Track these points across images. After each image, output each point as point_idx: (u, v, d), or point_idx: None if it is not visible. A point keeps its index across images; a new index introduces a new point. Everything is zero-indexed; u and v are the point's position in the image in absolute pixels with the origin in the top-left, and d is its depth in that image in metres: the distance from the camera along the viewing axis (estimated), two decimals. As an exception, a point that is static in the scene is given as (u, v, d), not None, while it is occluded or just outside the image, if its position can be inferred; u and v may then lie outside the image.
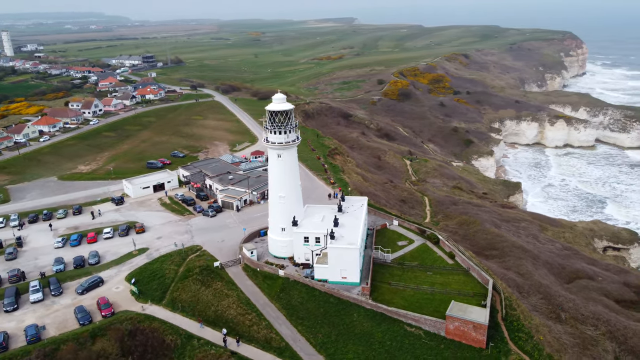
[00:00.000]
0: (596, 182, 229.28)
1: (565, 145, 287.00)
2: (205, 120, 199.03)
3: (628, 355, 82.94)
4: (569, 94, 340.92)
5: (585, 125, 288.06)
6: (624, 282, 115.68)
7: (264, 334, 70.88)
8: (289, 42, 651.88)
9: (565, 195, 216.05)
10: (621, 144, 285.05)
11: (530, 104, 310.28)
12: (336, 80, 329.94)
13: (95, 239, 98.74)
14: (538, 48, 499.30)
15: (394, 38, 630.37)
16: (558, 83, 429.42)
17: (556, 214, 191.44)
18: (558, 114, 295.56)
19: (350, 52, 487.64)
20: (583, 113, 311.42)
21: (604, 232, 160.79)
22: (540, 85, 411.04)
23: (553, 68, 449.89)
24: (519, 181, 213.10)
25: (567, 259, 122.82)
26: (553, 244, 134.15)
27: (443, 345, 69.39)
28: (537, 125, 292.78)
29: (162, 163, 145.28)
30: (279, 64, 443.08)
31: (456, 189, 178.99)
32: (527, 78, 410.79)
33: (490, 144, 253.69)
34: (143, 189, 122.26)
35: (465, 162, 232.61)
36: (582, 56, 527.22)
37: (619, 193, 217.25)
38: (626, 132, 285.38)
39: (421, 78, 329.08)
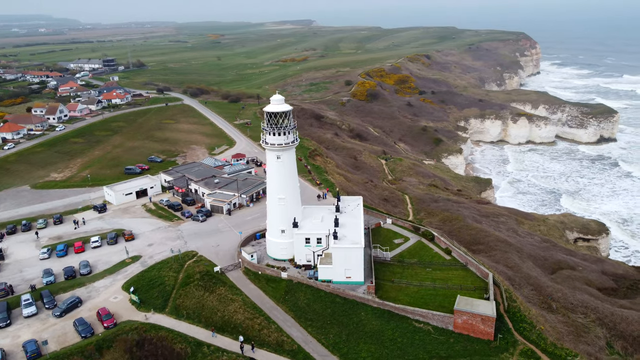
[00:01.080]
0: (560, 177, 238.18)
1: (528, 141, 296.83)
2: (178, 124, 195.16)
3: (618, 340, 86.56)
4: (529, 93, 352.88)
5: (546, 122, 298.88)
6: (601, 271, 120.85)
7: (275, 338, 70.16)
8: (251, 44, 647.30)
9: (533, 190, 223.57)
10: (579, 139, 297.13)
11: (492, 102, 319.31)
12: (304, 82, 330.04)
13: (83, 248, 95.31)
14: (495, 48, 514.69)
15: (354, 40, 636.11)
16: (516, 82, 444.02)
17: (526, 208, 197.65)
18: (520, 112, 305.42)
19: (314, 54, 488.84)
20: (542, 110, 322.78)
21: (574, 224, 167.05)
22: (500, 85, 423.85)
23: (510, 67, 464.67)
24: (489, 177, 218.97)
25: (548, 251, 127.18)
26: (532, 237, 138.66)
27: (452, 339, 70.57)
28: (501, 123, 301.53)
29: (141, 169, 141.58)
30: (243, 66, 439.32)
31: (432, 187, 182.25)
32: (487, 77, 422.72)
33: (458, 142, 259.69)
34: (126, 195, 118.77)
35: (436, 160, 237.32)
36: (536, 56, 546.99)
37: (582, 187, 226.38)
38: (583, 128, 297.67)
39: (387, 79, 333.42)
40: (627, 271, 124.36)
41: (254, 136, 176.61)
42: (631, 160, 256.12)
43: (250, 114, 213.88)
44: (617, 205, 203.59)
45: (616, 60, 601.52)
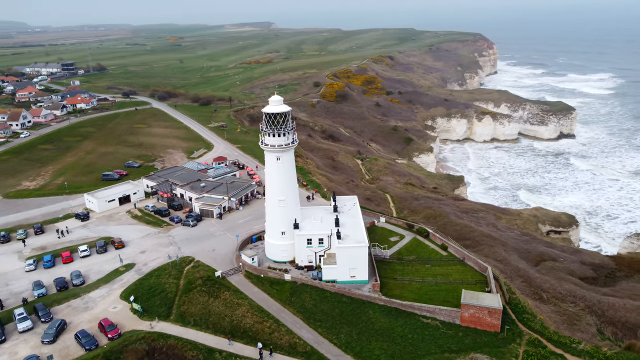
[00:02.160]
0: (526, 173, 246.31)
1: (492, 139, 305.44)
2: (151, 128, 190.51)
3: (608, 326, 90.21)
4: (491, 92, 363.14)
5: (509, 120, 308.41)
6: (580, 261, 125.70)
7: (286, 340, 69.53)
8: (212, 46, 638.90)
9: (503, 185, 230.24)
10: (540, 136, 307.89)
11: (457, 102, 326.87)
12: (271, 83, 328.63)
13: (72, 258, 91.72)
14: (455, 49, 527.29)
15: (316, 41, 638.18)
16: (476, 82, 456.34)
17: (499, 203, 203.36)
18: (484, 111, 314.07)
19: (277, 55, 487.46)
20: (504, 109, 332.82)
21: (546, 217, 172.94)
22: (461, 84, 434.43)
23: (470, 67, 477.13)
24: (461, 175, 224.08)
25: (529, 244, 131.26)
26: (512, 231, 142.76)
27: (461, 332, 71.83)
28: (466, 121, 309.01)
29: (119, 174, 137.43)
30: (207, 69, 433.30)
31: (409, 185, 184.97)
32: (449, 77, 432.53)
33: (428, 141, 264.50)
34: (108, 202, 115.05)
35: (407, 159, 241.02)
36: (493, 56, 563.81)
37: (548, 181, 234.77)
38: (544, 125, 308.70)
39: (354, 80, 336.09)
40: (603, 260, 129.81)
41: (231, 139, 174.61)
42: (590, 155, 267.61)
43: (224, 116, 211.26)
44: (581, 199, 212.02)
45: (567, 59, 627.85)
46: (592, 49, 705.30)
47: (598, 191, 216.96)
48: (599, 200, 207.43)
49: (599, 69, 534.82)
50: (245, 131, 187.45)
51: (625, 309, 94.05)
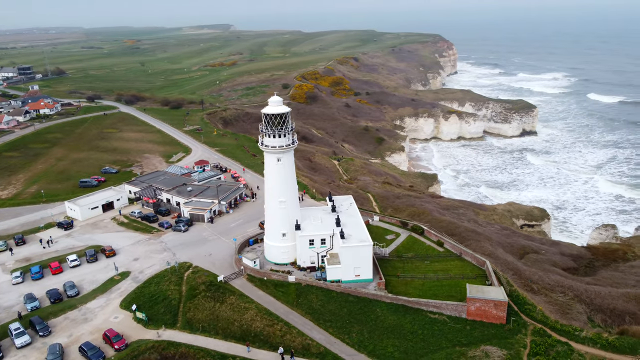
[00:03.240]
0: (494, 169, 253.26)
1: (459, 137, 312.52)
2: (123, 133, 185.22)
3: (597, 313, 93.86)
4: (455, 91, 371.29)
5: (474, 118, 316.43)
6: (560, 253, 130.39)
7: (299, 342, 68.96)
8: (172, 49, 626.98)
9: (474, 182, 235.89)
10: (504, 133, 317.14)
11: (424, 101, 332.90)
12: (239, 86, 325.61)
13: (61, 268, 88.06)
14: (416, 50, 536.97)
15: (278, 43, 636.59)
16: (439, 82, 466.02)
17: (472, 200, 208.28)
18: (450, 110, 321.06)
19: (241, 58, 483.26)
20: (469, 108, 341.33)
21: (519, 211, 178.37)
22: (425, 84, 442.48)
23: (432, 68, 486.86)
24: (434, 173, 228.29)
25: (510, 238, 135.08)
26: (492, 226, 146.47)
27: (468, 326, 73.16)
28: (433, 120, 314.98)
29: (97, 181, 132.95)
30: (170, 71, 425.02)
31: (386, 184, 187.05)
32: (413, 78, 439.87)
33: (399, 141, 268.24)
34: (91, 209, 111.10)
35: (380, 159, 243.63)
36: (453, 57, 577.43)
37: (515, 177, 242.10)
38: (508, 122, 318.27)
39: (322, 81, 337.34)
40: (580, 251, 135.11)
41: (208, 142, 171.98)
42: (553, 150, 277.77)
43: (198, 119, 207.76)
44: (548, 194, 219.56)
45: (522, 59, 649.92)
46: (543, 50, 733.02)
47: (564, 185, 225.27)
48: (565, 194, 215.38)
49: (551, 69, 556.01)
50: (222, 134, 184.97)
51: (611, 297, 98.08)
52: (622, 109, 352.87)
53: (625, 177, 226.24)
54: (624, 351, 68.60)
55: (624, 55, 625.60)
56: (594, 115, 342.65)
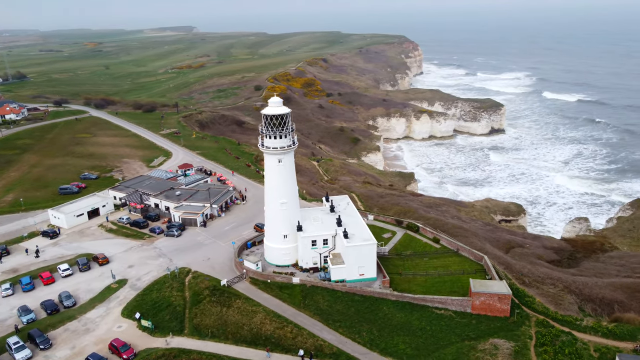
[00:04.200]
0: (468, 167, 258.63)
1: (430, 136, 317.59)
2: (98, 138, 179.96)
3: (588, 303, 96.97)
4: (424, 91, 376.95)
5: (445, 117, 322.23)
6: (543, 246, 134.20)
7: (311, 343, 68.60)
8: (136, 52, 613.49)
9: (449, 180, 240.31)
10: (474, 131, 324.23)
11: (395, 101, 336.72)
12: (210, 88, 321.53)
13: (53, 279, 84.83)
14: (383, 51, 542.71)
15: (245, 45, 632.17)
16: (407, 82, 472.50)
17: (449, 197, 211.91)
18: (421, 109, 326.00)
19: (209, 60, 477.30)
20: (438, 107, 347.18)
21: (496, 207, 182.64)
22: (393, 85, 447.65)
23: (399, 69, 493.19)
24: (411, 171, 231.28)
25: (494, 233, 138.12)
26: (475, 222, 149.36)
27: (474, 320, 74.43)
28: (405, 120, 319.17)
29: (78, 187, 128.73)
30: (136, 74, 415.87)
31: (367, 184, 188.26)
32: (381, 78, 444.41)
33: (373, 140, 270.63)
34: (77, 216, 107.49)
35: (356, 159, 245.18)
36: (419, 57, 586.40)
37: (488, 174, 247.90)
38: (477, 121, 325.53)
39: (294, 82, 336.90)
40: (560, 244, 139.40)
41: (188, 145, 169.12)
42: (523, 147, 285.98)
43: (174, 123, 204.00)
44: (521, 190, 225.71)
45: (484, 59, 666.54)
46: (503, 50, 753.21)
47: (535, 181, 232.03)
48: (538, 190, 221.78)
49: (513, 68, 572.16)
50: (202, 137, 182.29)
51: (598, 287, 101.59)
52: (581, 108, 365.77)
53: (592, 172, 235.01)
54: (624, 338, 71.26)
55: (578, 55, 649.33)
56: (556, 114, 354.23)
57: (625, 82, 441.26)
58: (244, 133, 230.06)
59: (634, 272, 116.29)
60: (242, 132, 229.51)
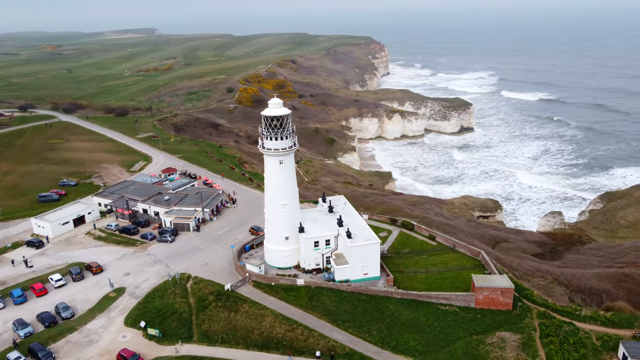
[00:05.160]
0: (441, 165, 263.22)
1: (402, 136, 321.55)
2: (71, 143, 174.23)
3: (577, 294, 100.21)
4: (394, 91, 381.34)
5: (416, 117, 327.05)
6: (526, 240, 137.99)
7: (324, 344, 68.38)
8: (98, 55, 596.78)
9: (424, 179, 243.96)
10: (444, 130, 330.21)
11: (367, 102, 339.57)
12: (180, 91, 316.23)
13: (46, 290, 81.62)
14: (350, 52, 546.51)
15: (211, 47, 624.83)
16: (375, 82, 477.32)
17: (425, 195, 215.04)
18: (393, 109, 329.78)
19: (176, 62, 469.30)
20: (409, 107, 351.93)
21: (474, 204, 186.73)
22: (362, 85, 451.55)
23: (367, 69, 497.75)
24: (389, 171, 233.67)
25: (479, 229, 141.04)
26: (459, 219, 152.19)
27: (479, 315, 75.73)
28: (377, 120, 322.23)
29: (58, 194, 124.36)
30: (101, 78, 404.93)
31: (348, 184, 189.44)
32: (351, 79, 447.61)
33: (348, 141, 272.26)
34: (62, 225, 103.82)
35: (333, 159, 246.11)
36: (385, 58, 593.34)
37: (461, 171, 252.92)
38: (447, 120, 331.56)
39: (265, 84, 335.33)
40: (541, 238, 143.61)
41: (168, 149, 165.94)
42: (493, 145, 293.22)
43: (149, 126, 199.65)
44: (494, 186, 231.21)
45: (448, 60, 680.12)
46: (466, 50, 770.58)
47: (508, 177, 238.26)
48: (512, 186, 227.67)
49: (476, 68, 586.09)
50: (180, 140, 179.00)
51: (585, 278, 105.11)
52: (543, 106, 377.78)
53: (561, 168, 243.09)
54: (622, 325, 73.92)
55: (536, 55, 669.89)
56: (521, 112, 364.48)
57: (581, 81, 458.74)
58: (220, 136, 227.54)
59: (614, 262, 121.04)
60: (218, 135, 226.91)
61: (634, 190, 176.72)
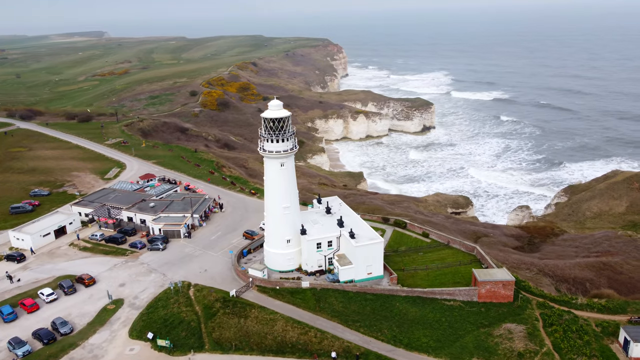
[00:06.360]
0: (408, 164, 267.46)
1: (367, 136, 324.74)
2: (36, 152, 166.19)
3: (563, 283, 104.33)
4: (357, 92, 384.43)
5: (380, 117, 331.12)
6: (504, 234, 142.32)
7: (338, 346, 68.15)
8: (47, 59, 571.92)
9: (392, 178, 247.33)
10: (408, 130, 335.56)
11: (331, 103, 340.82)
12: (141, 95, 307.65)
13: (37, 305, 77.55)
14: (309, 54, 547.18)
15: (166, 50, 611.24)
16: (336, 84, 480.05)
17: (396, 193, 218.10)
18: (357, 110, 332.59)
19: (132, 66, 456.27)
20: (372, 107, 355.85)
21: (446, 201, 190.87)
22: (324, 87, 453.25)
23: (327, 71, 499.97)
24: (360, 171, 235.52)
25: (459, 225, 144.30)
26: (437, 216, 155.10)
27: (483, 308, 77.56)
28: (342, 121, 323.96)
29: (31, 205, 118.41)
30: (54, 83, 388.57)
31: (323, 185, 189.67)
32: (312, 81, 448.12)
33: (317, 142, 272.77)
34: (43, 236, 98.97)
35: (303, 161, 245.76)
36: (344, 59, 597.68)
37: (427, 169, 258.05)
38: (410, 120, 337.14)
39: (229, 87, 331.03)
40: (517, 231, 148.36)
41: (141, 155, 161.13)
42: (456, 142, 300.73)
43: (117, 132, 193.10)
44: (462, 183, 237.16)
45: (403, 61, 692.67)
46: (420, 51, 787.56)
47: (474, 174, 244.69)
48: (480, 183, 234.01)
49: (431, 69, 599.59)
50: (153, 146, 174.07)
51: (568, 268, 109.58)
52: (498, 105, 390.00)
53: (524, 163, 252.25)
54: (617, 312, 77.46)
55: (484, 56, 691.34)
56: (479, 111, 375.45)
57: (526, 81, 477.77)
58: (189, 140, 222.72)
59: (589, 252, 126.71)
60: (187, 139, 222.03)
61: (596, 183, 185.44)
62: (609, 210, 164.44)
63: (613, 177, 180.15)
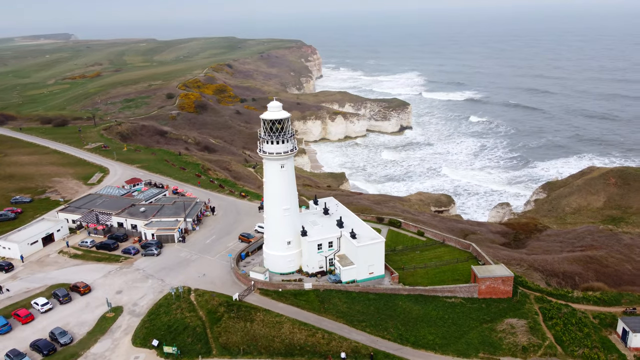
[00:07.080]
0: (388, 163, 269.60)
1: (346, 137, 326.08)
2: (12, 157, 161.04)
3: (553, 278, 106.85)
4: (333, 93, 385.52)
5: (358, 118, 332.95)
6: (491, 231, 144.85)
7: (347, 346, 68.12)
8: (14, 62, 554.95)
9: (374, 178, 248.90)
10: (385, 130, 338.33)
11: (308, 104, 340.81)
12: (116, 98, 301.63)
13: (32, 316, 75.10)
14: (283, 55, 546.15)
15: (137, 52, 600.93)
16: (312, 85, 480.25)
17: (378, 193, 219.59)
18: (335, 111, 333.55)
19: (104, 68, 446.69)
20: (349, 108, 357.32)
21: (429, 199, 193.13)
22: (299, 88, 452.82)
23: (302, 72, 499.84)
24: (342, 172, 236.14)
25: (446, 223, 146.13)
26: (424, 214, 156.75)
27: (484, 304, 78.69)
28: (320, 122, 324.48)
29: (14, 212, 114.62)
30: (22, 87, 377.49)
31: (307, 186, 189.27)
32: (287, 82, 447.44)
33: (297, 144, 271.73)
34: (31, 245, 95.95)
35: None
36: (318, 61, 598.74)
37: (407, 169, 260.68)
38: (387, 120, 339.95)
39: (205, 89, 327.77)
40: (502, 228, 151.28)
41: (124, 159, 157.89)
42: (433, 142, 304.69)
43: (96, 136, 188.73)
44: (442, 182, 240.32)
45: (376, 62, 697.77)
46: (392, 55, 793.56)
47: (453, 173, 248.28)
48: (460, 181, 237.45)
49: (404, 69, 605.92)
50: (134, 149, 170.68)
51: (557, 262, 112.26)
52: (471, 105, 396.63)
53: (502, 160, 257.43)
54: (612, 303, 79.76)
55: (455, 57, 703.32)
56: (453, 111, 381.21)
57: (497, 81, 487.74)
58: (168, 143, 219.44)
59: (574, 246, 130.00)
60: (166, 143, 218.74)
61: (573, 180, 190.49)
62: (587, 206, 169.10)
63: (589, 173, 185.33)
